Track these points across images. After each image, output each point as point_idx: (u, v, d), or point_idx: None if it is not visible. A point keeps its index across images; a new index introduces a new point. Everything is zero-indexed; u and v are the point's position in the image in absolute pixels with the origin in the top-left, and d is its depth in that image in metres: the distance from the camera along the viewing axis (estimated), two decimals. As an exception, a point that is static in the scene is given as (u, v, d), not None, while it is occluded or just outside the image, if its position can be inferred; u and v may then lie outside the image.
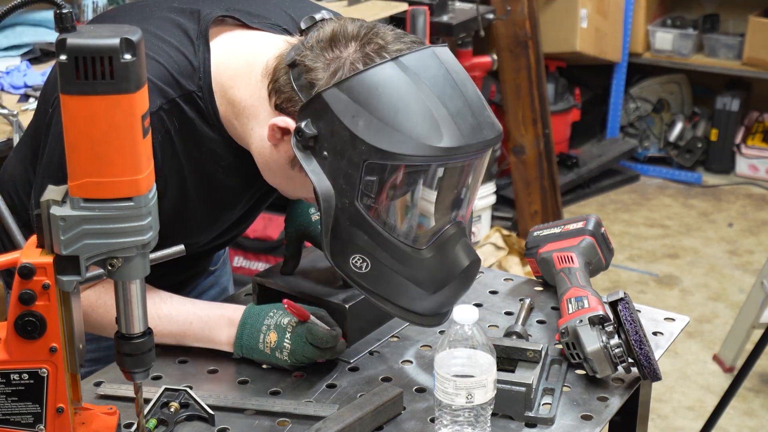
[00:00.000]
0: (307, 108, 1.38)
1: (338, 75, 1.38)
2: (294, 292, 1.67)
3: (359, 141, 1.34)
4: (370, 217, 1.38)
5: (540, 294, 1.83)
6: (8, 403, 1.26)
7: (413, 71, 1.36)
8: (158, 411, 1.44)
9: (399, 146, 1.33)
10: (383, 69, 1.36)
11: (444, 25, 3.83)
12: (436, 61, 1.39)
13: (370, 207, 1.38)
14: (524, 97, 4.30)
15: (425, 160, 1.36)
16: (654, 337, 1.68)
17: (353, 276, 1.43)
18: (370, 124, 1.34)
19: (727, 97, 5.31)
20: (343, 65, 1.38)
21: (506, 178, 4.77)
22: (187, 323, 1.58)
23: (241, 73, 1.49)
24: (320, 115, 1.37)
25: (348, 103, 1.35)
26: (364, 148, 1.34)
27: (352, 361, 1.61)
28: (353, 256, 1.41)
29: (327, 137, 1.37)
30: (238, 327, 1.56)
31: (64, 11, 1.12)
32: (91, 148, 1.13)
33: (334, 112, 1.36)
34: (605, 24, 5.17)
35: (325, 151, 1.38)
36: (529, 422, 1.45)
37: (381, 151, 1.34)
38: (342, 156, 1.36)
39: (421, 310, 1.45)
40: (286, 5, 1.63)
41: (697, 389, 3.53)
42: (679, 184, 5.37)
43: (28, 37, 2.90)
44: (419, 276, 1.42)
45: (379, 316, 1.69)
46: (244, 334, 1.56)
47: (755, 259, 4.50)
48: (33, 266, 1.19)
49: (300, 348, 1.53)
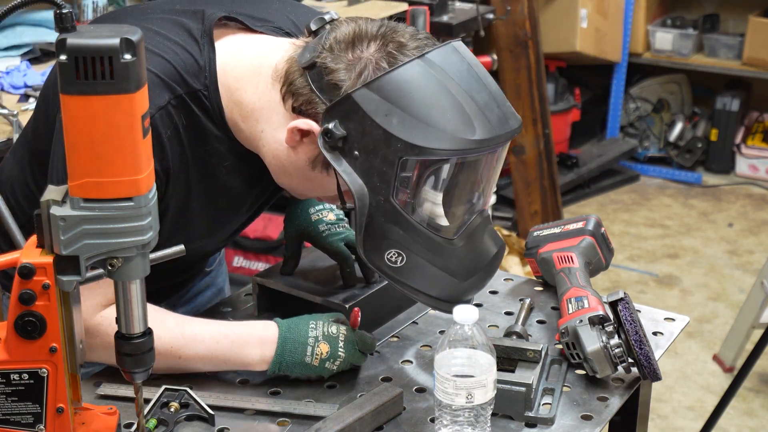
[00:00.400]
0: (335, 109, 1.39)
1: (364, 75, 1.39)
2: (294, 292, 1.67)
3: (394, 139, 1.36)
4: (405, 212, 1.41)
5: (540, 294, 1.83)
6: (8, 403, 1.26)
7: (439, 67, 1.39)
8: (158, 411, 1.44)
9: (435, 141, 1.36)
10: (411, 67, 1.38)
11: (444, 25, 3.83)
12: (458, 56, 1.42)
13: (405, 202, 1.41)
14: (524, 97, 4.30)
15: (460, 153, 1.39)
16: (654, 337, 1.68)
17: (388, 271, 1.45)
18: (404, 121, 1.36)
19: (727, 97, 5.31)
20: (367, 65, 1.40)
21: (506, 178, 4.77)
22: (215, 342, 1.54)
23: (247, 75, 1.50)
24: (349, 116, 1.38)
25: (380, 102, 1.36)
26: (399, 145, 1.36)
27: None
28: (389, 252, 1.43)
29: (357, 137, 1.38)
30: (278, 345, 1.53)
31: (64, 11, 1.12)
32: (91, 148, 1.13)
33: (366, 112, 1.37)
34: (605, 24, 5.17)
35: (356, 151, 1.39)
36: (529, 422, 1.45)
37: (417, 147, 1.36)
38: (375, 154, 1.38)
39: (450, 298, 1.47)
40: (288, 9, 1.63)
41: (697, 389, 3.53)
42: (679, 184, 5.37)
43: (28, 37, 2.90)
44: (451, 265, 1.45)
45: (378, 316, 1.69)
46: (286, 351, 1.53)
47: (755, 259, 4.50)
48: (33, 266, 1.19)
49: (352, 355, 1.55)
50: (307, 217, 1.72)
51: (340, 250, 1.69)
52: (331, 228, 1.71)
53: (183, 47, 1.48)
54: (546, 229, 1.85)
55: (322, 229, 1.71)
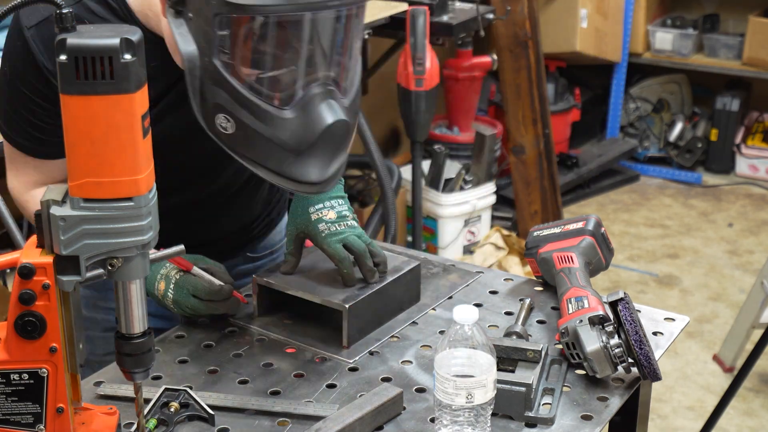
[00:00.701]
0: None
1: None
2: (293, 291, 1.67)
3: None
4: (228, 75, 1.42)
5: (540, 294, 1.83)
6: (8, 403, 1.26)
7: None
8: (158, 411, 1.44)
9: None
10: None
11: (444, 25, 3.83)
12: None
13: (227, 64, 1.42)
14: (524, 97, 4.30)
15: (271, 11, 1.38)
16: (654, 337, 1.68)
17: (222, 138, 1.46)
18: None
19: (727, 97, 5.31)
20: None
21: (506, 178, 4.77)
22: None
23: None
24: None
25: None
26: (214, 2, 1.38)
27: (351, 361, 1.61)
28: (217, 116, 1.45)
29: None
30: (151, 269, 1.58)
31: (64, 11, 1.12)
32: (91, 148, 1.13)
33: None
34: (605, 24, 5.17)
35: (189, 12, 1.42)
36: (529, 422, 1.45)
37: (229, 4, 1.37)
38: (199, 14, 1.41)
39: (296, 176, 1.47)
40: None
41: (697, 389, 3.53)
42: (679, 184, 5.37)
43: (28, 37, 2.89)
44: (282, 136, 1.45)
45: (378, 316, 1.69)
46: (149, 277, 1.63)
47: (755, 259, 4.50)
48: (33, 266, 1.19)
49: (183, 299, 1.62)
50: (306, 216, 1.71)
51: (336, 251, 1.67)
52: (330, 227, 1.69)
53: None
54: (546, 229, 1.84)
55: (321, 228, 1.69)
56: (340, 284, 1.67)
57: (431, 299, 1.80)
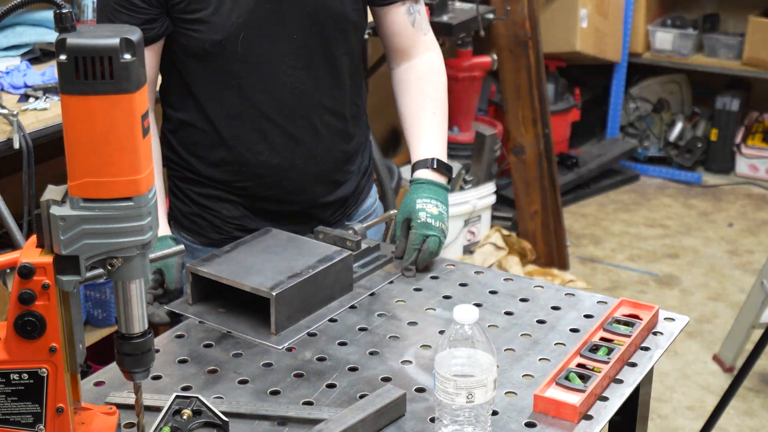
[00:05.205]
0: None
1: None
2: (223, 280, 1.71)
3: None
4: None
5: (540, 294, 1.83)
6: (8, 403, 1.26)
7: None
8: (171, 419, 1.41)
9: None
10: None
11: (444, 25, 3.83)
12: None
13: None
14: (524, 97, 4.30)
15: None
16: (654, 337, 1.68)
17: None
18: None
19: (727, 97, 5.31)
20: None
21: (506, 178, 4.77)
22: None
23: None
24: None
25: None
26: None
27: (281, 347, 1.63)
28: None
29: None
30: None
31: (64, 11, 1.12)
32: (91, 148, 1.13)
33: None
34: (605, 24, 5.17)
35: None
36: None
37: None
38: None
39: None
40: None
41: (697, 389, 3.53)
42: (679, 184, 5.37)
43: (28, 37, 2.90)
44: None
45: (308, 304, 1.73)
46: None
47: (755, 259, 4.50)
48: (33, 266, 1.19)
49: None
50: (414, 205, 1.90)
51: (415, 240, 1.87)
52: (428, 219, 1.88)
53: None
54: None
55: (420, 215, 1.88)
56: (271, 273, 1.71)
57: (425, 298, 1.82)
